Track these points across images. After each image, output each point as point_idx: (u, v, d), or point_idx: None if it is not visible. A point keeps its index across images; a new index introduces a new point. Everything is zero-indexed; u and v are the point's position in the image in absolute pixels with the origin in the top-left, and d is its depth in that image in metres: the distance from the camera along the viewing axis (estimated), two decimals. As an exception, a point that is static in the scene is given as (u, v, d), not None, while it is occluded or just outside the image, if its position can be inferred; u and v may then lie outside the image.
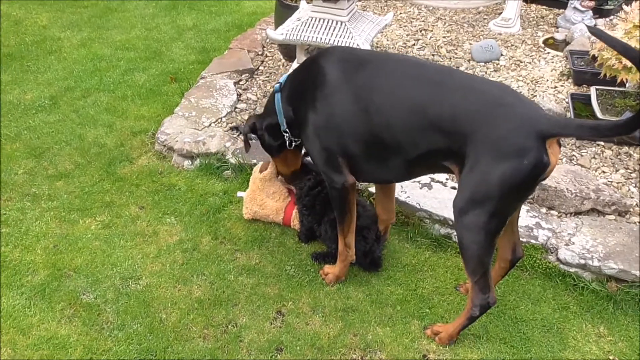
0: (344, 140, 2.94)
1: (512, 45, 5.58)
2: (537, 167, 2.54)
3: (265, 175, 3.70)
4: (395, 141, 2.82)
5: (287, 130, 3.26)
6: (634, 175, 3.94)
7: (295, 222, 3.69)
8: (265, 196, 3.71)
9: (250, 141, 3.51)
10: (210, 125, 4.56)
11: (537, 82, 4.96)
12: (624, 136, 4.05)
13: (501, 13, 5.97)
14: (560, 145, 2.67)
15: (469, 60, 5.31)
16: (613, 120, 2.50)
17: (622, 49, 2.40)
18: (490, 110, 2.60)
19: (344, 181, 3.04)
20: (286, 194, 3.76)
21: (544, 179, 2.67)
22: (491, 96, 2.65)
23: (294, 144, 3.32)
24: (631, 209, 3.69)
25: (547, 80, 4.97)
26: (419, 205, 3.72)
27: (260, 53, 5.62)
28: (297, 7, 4.81)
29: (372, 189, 3.66)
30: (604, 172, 3.98)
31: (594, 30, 2.53)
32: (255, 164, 4.09)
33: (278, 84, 3.25)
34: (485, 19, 6.14)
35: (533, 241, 3.50)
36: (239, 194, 3.91)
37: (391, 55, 3.26)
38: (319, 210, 3.50)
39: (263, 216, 3.76)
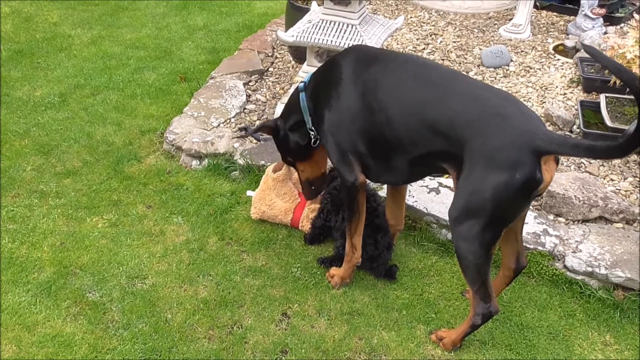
0: (353, 137, 2.97)
1: (522, 51, 5.57)
2: (530, 183, 2.53)
3: (279, 176, 3.70)
4: (397, 139, 2.84)
5: (313, 128, 3.25)
6: (642, 183, 3.93)
7: (304, 224, 3.69)
8: (275, 196, 3.71)
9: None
10: (219, 125, 4.56)
11: (546, 88, 4.95)
12: (619, 158, 4.03)
13: (512, 19, 5.96)
14: (557, 163, 2.65)
15: (478, 66, 5.30)
16: (608, 143, 2.48)
17: (616, 70, 2.38)
18: (487, 119, 2.60)
19: (355, 179, 3.05)
20: (296, 195, 3.76)
21: (539, 195, 2.65)
22: (490, 104, 2.64)
23: (318, 142, 3.30)
24: (639, 217, 3.67)
25: (557, 86, 4.96)
26: (427, 209, 3.71)
27: (270, 54, 5.63)
28: (307, 9, 4.81)
29: (382, 193, 3.66)
30: (612, 179, 3.97)
31: (589, 49, 2.52)
32: (263, 165, 4.09)
33: (302, 83, 3.26)
34: (495, 24, 6.13)
35: (540, 248, 3.49)
36: (249, 192, 3.92)
37: (401, 54, 3.27)
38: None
39: (271, 217, 3.75)
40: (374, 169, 3.05)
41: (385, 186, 3.65)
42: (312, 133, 3.27)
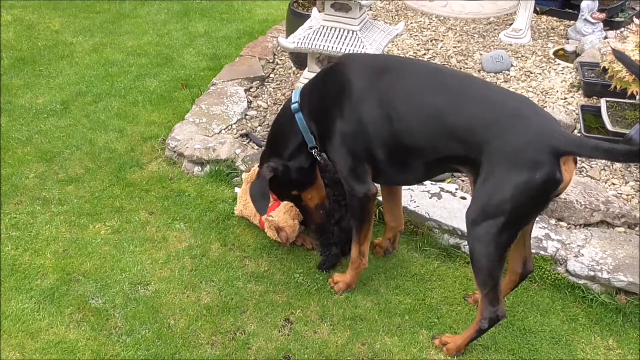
0: (371, 146, 2.93)
1: (522, 56, 5.58)
2: (550, 183, 2.54)
3: (247, 177, 3.72)
4: (416, 146, 2.84)
5: (317, 146, 3.17)
6: (644, 187, 3.94)
7: (267, 230, 3.66)
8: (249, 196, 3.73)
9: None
10: (220, 132, 4.57)
11: (547, 93, 4.95)
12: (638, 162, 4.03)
13: (512, 24, 5.97)
14: (576, 163, 2.66)
15: (479, 71, 5.31)
16: (628, 146, 2.50)
17: None
18: (505, 121, 2.61)
19: (367, 190, 3.03)
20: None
21: (558, 195, 2.66)
22: (507, 107, 2.66)
23: (318, 157, 3.23)
24: (641, 222, 3.68)
25: (557, 91, 4.97)
26: (428, 214, 3.72)
27: (271, 61, 5.64)
28: (308, 16, 4.82)
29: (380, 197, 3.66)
30: (613, 184, 3.98)
31: (619, 55, 2.53)
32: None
33: (296, 104, 3.14)
34: (495, 29, 6.14)
35: (542, 252, 3.50)
36: (236, 189, 3.95)
37: (411, 60, 3.25)
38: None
39: (247, 216, 3.78)
40: (389, 173, 3.03)
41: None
42: (315, 151, 3.19)
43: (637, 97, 4.23)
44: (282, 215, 3.60)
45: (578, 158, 4.10)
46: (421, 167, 2.92)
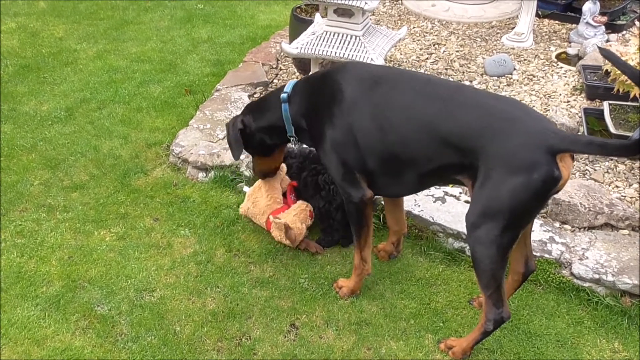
0: (361, 155, 2.95)
1: (525, 59, 5.59)
2: (548, 182, 2.55)
3: (259, 182, 3.76)
4: (410, 157, 2.85)
5: (295, 136, 3.25)
6: (648, 190, 3.94)
7: (273, 230, 3.66)
8: (261, 195, 3.73)
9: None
10: (224, 137, 4.58)
11: (550, 96, 4.96)
12: (632, 157, 4.05)
13: (514, 27, 5.98)
14: (573, 159, 2.68)
15: (482, 75, 5.31)
16: (621, 140, 2.52)
17: (631, 74, 2.43)
18: (498, 125, 2.63)
19: (362, 195, 3.05)
20: (279, 199, 3.76)
21: (557, 192, 2.68)
22: (499, 111, 2.68)
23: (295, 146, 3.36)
24: (645, 224, 3.68)
25: (560, 94, 4.97)
26: (433, 218, 3.72)
27: (274, 66, 5.65)
28: (311, 21, 4.84)
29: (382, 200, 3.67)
30: (617, 186, 3.98)
31: (605, 53, 2.55)
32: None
33: (285, 94, 3.20)
34: (498, 33, 6.14)
35: (547, 255, 3.50)
36: (245, 188, 3.95)
37: (404, 72, 3.28)
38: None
39: (252, 214, 3.77)
40: (382, 184, 3.05)
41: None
42: (294, 139, 3.28)
43: (640, 99, 4.24)
44: (292, 217, 3.61)
45: (582, 162, 4.16)
46: (415, 178, 2.93)
